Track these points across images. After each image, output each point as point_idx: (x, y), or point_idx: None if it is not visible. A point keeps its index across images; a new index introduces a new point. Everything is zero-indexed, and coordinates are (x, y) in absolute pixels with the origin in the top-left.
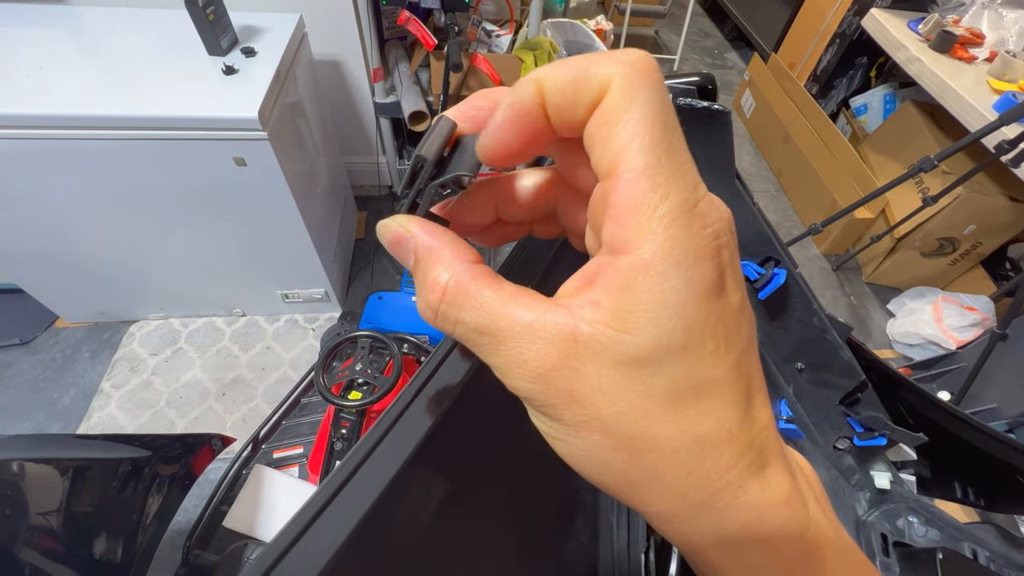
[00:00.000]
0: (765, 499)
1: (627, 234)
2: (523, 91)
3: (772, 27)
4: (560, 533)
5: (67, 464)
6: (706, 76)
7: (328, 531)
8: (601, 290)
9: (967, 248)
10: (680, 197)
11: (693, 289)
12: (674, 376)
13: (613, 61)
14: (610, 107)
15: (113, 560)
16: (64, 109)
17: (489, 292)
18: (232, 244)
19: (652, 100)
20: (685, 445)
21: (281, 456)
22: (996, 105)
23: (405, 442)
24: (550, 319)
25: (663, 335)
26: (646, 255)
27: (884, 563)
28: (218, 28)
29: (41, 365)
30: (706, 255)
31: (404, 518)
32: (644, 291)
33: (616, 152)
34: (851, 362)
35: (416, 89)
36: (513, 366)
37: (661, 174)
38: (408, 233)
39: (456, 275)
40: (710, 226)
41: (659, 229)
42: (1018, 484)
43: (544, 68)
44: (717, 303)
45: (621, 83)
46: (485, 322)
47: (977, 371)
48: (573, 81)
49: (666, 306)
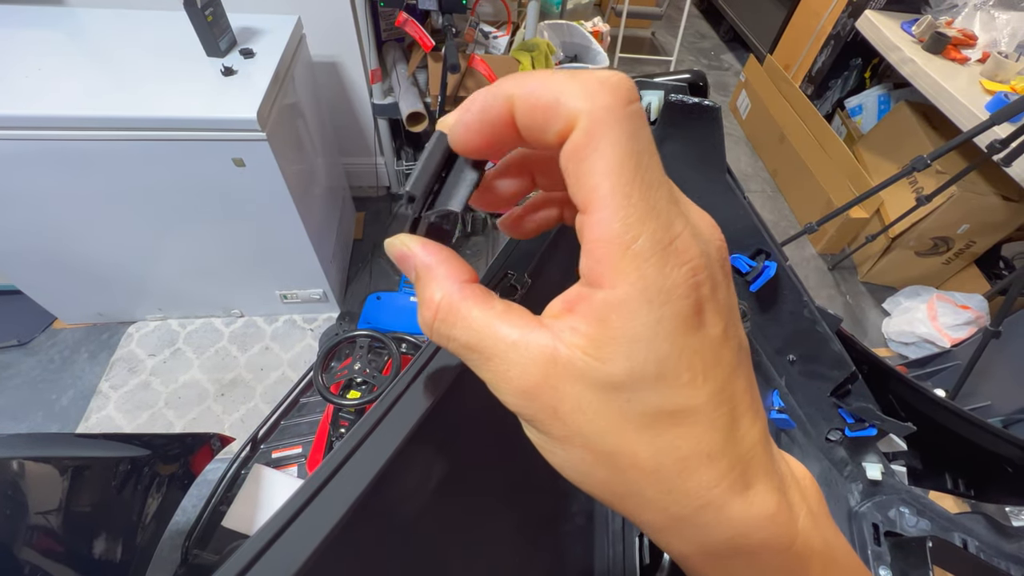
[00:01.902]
0: (749, 516)
1: (601, 270)
2: (495, 103)
3: (767, 29)
4: (557, 517)
5: (67, 463)
6: (697, 73)
7: (320, 516)
8: (580, 318)
9: (961, 247)
10: (653, 237)
11: (665, 326)
12: (649, 403)
13: (583, 95)
14: (577, 146)
15: (112, 559)
16: (63, 110)
17: (478, 311)
18: (231, 245)
19: (621, 139)
20: (664, 465)
21: (280, 456)
22: (988, 105)
23: (400, 427)
24: (533, 339)
25: (635, 367)
26: (619, 293)
27: (876, 552)
28: (216, 29)
29: (39, 366)
30: (680, 293)
31: (401, 500)
32: (617, 326)
33: (587, 190)
34: (841, 353)
35: (414, 90)
36: (500, 382)
37: (633, 214)
38: (409, 252)
39: (448, 294)
40: (686, 263)
41: (631, 269)
42: (1007, 474)
43: (518, 84)
44: (693, 337)
45: (588, 123)
46: (473, 340)
47: (971, 368)
48: (543, 109)
49: (637, 340)
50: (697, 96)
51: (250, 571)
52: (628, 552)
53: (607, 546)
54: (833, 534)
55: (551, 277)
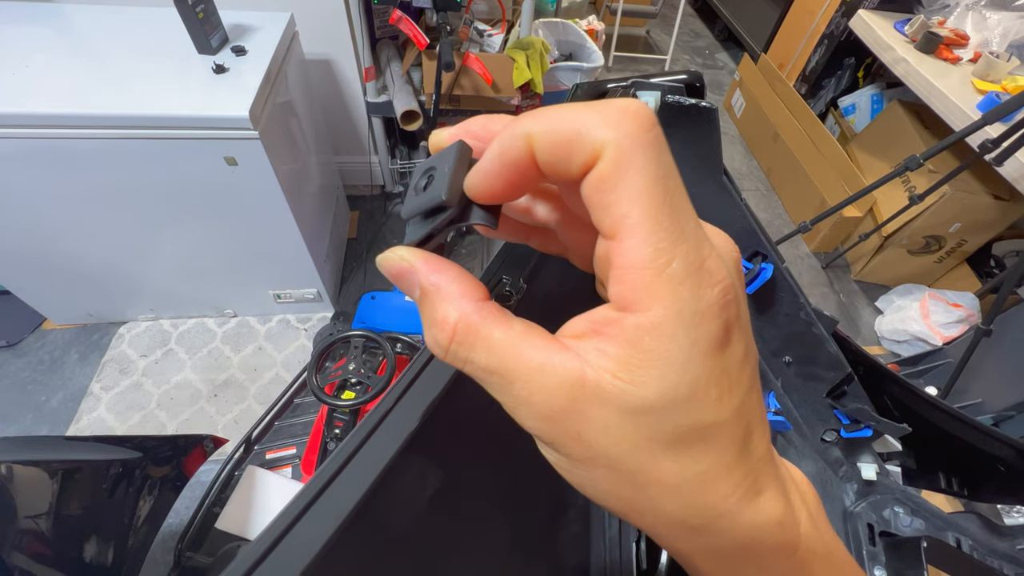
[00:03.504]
0: (759, 522)
1: (633, 296)
2: (513, 144)
3: (762, 28)
4: (553, 524)
5: (56, 466)
6: (694, 74)
7: (319, 522)
8: (608, 341)
9: (953, 246)
10: (686, 260)
11: (699, 347)
12: (678, 423)
13: (607, 125)
14: (604, 175)
15: (104, 563)
16: (51, 108)
17: (499, 332)
18: (223, 244)
19: (649, 166)
20: (686, 480)
21: (274, 457)
22: (980, 105)
23: (397, 433)
24: (558, 362)
25: (668, 389)
26: (653, 317)
27: (871, 552)
28: (208, 26)
29: (28, 367)
30: (713, 314)
31: (398, 507)
32: (650, 349)
33: (616, 219)
34: (837, 355)
35: (408, 88)
36: (522, 406)
37: (665, 239)
38: (411, 267)
39: (466, 315)
40: (717, 284)
41: (665, 292)
42: (999, 473)
43: (535, 122)
44: (722, 356)
45: (614, 152)
46: (495, 363)
47: (962, 366)
48: (565, 144)
49: (672, 363)
50: (694, 97)
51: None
52: (625, 558)
53: (604, 552)
54: (831, 536)
55: (546, 282)
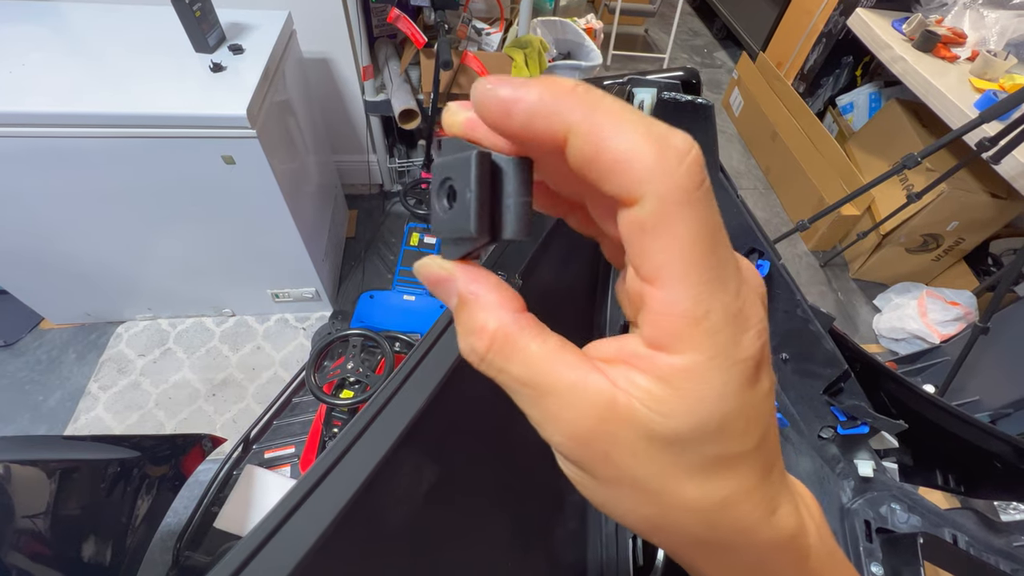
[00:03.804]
0: (776, 538)
1: (667, 340)
2: (548, 122)
3: (760, 26)
4: (550, 520)
5: (54, 466)
6: (690, 71)
7: (312, 517)
8: (639, 373)
9: (950, 244)
10: (725, 310)
11: (731, 388)
12: (705, 453)
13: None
14: (644, 223)
15: (102, 563)
16: (48, 107)
17: (536, 345)
18: (221, 243)
19: (695, 224)
20: (710, 504)
21: (272, 456)
22: (978, 103)
23: (392, 428)
24: (591, 382)
25: (698, 424)
26: (687, 361)
27: (867, 549)
28: (205, 25)
29: (26, 367)
30: (747, 357)
31: (393, 503)
32: (683, 388)
33: (655, 266)
34: (834, 352)
35: (406, 87)
36: (551, 422)
37: (705, 290)
38: (449, 275)
39: (504, 324)
40: (753, 328)
41: (702, 340)
42: (996, 470)
43: (585, 116)
44: (751, 392)
45: (659, 204)
46: (529, 375)
47: (960, 364)
48: (608, 162)
49: (703, 402)
50: (690, 94)
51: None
52: (622, 555)
53: (600, 548)
54: (833, 544)
55: (541, 277)
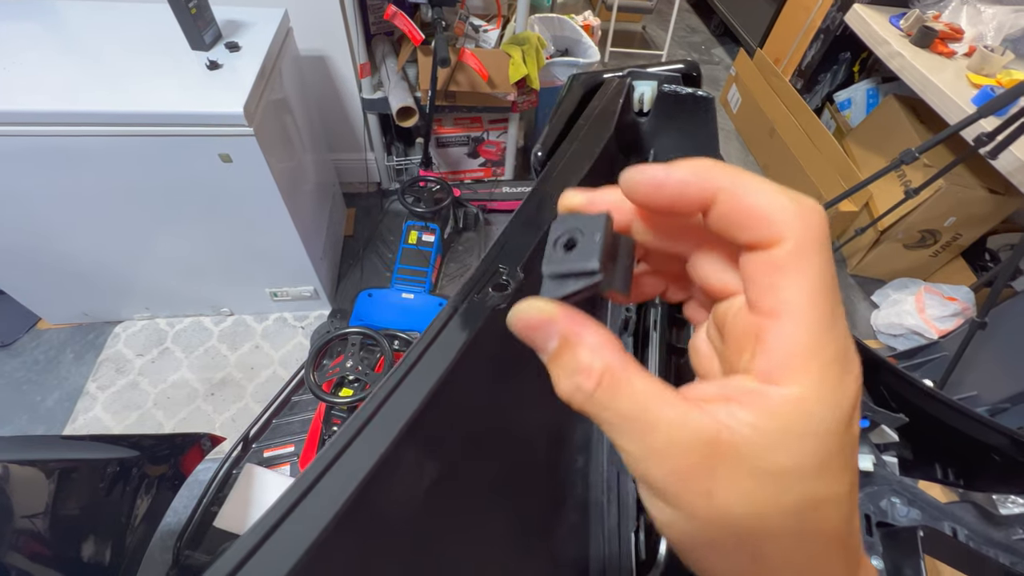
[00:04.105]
0: None
1: (783, 373)
2: (699, 185)
3: (757, 23)
4: (552, 514)
5: (53, 466)
6: (691, 64)
7: (311, 515)
8: (746, 409)
9: (948, 240)
10: (837, 348)
11: (834, 426)
12: (804, 492)
13: (799, 217)
14: (780, 262)
15: (101, 562)
16: (44, 105)
17: (641, 383)
18: (219, 242)
19: (823, 266)
20: (803, 549)
21: (272, 455)
22: (975, 99)
23: (392, 424)
24: (695, 418)
25: (802, 460)
26: (801, 392)
27: (868, 543)
28: (201, 22)
29: (23, 367)
30: (849, 395)
31: (393, 499)
32: (792, 421)
33: (779, 301)
34: None
35: (404, 85)
36: (655, 457)
37: (824, 328)
38: (550, 318)
39: (610, 363)
40: (854, 372)
41: (815, 374)
42: (995, 463)
43: (732, 181)
44: (847, 436)
45: (797, 245)
46: (636, 411)
47: (958, 359)
48: (750, 216)
49: (808, 436)
50: (691, 87)
51: (239, 573)
52: (624, 549)
53: (603, 543)
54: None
55: None
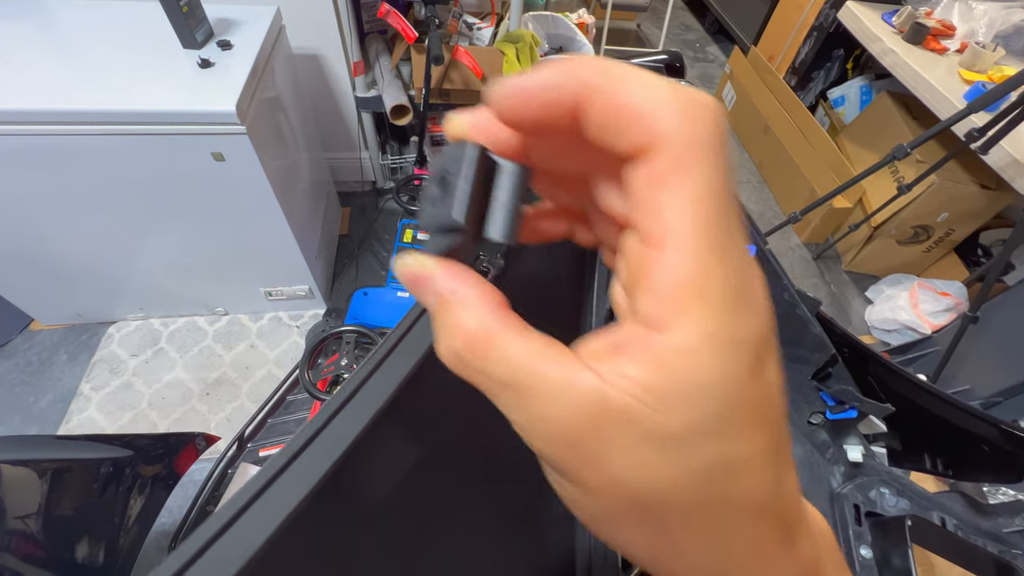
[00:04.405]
0: (791, 573)
1: (668, 313)
2: (566, 84)
3: (751, 20)
4: (537, 507)
5: (46, 465)
6: (674, 54)
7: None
8: (633, 364)
9: (940, 235)
10: (730, 281)
11: (732, 375)
12: (705, 455)
13: (682, 115)
14: (660, 173)
15: (95, 563)
16: (34, 104)
17: (517, 344)
18: (213, 242)
19: (713, 178)
20: (713, 520)
21: (268, 454)
22: (966, 95)
23: (366, 409)
24: (580, 380)
25: (696, 417)
26: (686, 339)
27: (857, 532)
28: (192, 20)
29: (16, 369)
30: (750, 340)
31: (371, 486)
32: (680, 373)
33: (662, 224)
34: (821, 336)
35: (398, 83)
36: (537, 424)
37: (713, 256)
38: (427, 274)
39: (482, 322)
40: (759, 313)
41: (705, 315)
42: (983, 453)
43: (603, 74)
44: (754, 386)
45: (680, 151)
46: (511, 376)
47: (950, 353)
48: (627, 115)
49: (701, 389)
50: (674, 77)
51: (204, 555)
52: None
53: (588, 535)
54: (844, 569)
55: (526, 261)
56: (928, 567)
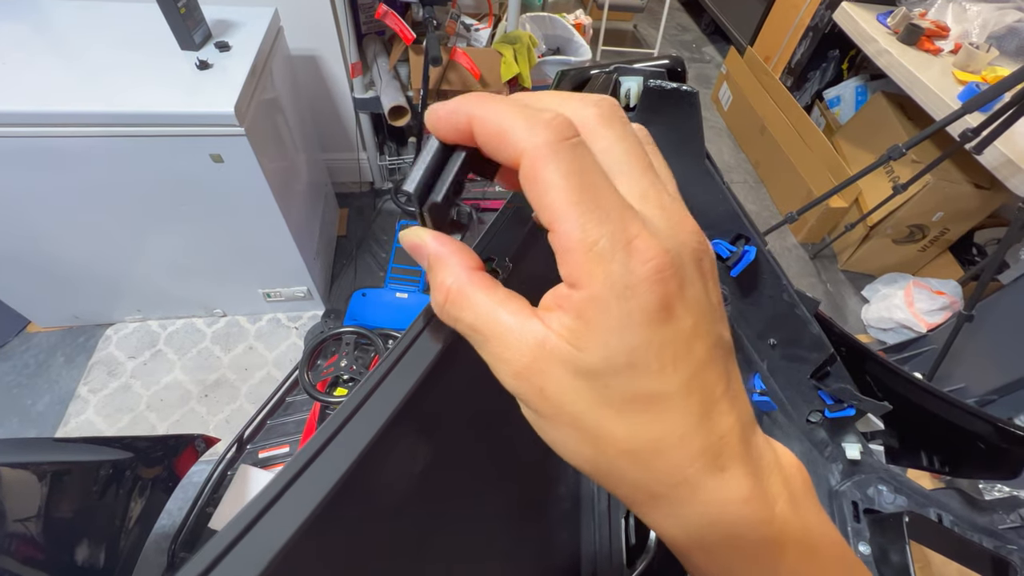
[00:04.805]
0: (722, 497)
1: (575, 274)
2: (458, 117)
3: (747, 21)
4: (544, 501)
5: (46, 468)
6: (675, 59)
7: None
8: (564, 313)
9: (936, 234)
10: (612, 238)
11: (634, 318)
12: (621, 388)
13: (526, 133)
14: (525, 175)
15: (96, 565)
16: (31, 106)
17: (482, 296)
18: (211, 243)
19: (561, 166)
20: (639, 446)
21: (267, 456)
22: (961, 95)
23: (382, 411)
24: (527, 326)
25: (608, 355)
26: (592, 290)
27: (855, 529)
28: (190, 22)
29: (13, 371)
30: (644, 288)
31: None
32: (592, 320)
33: (545, 210)
34: (820, 336)
35: (396, 84)
36: (497, 362)
37: (589, 221)
38: (421, 242)
39: (458, 280)
40: (649, 261)
41: (597, 269)
42: (979, 450)
43: (478, 107)
44: (662, 329)
45: (530, 158)
46: (477, 322)
47: (946, 352)
48: (496, 138)
49: (610, 332)
50: (675, 82)
51: (222, 561)
52: (614, 534)
53: (593, 528)
54: (818, 520)
55: (534, 261)
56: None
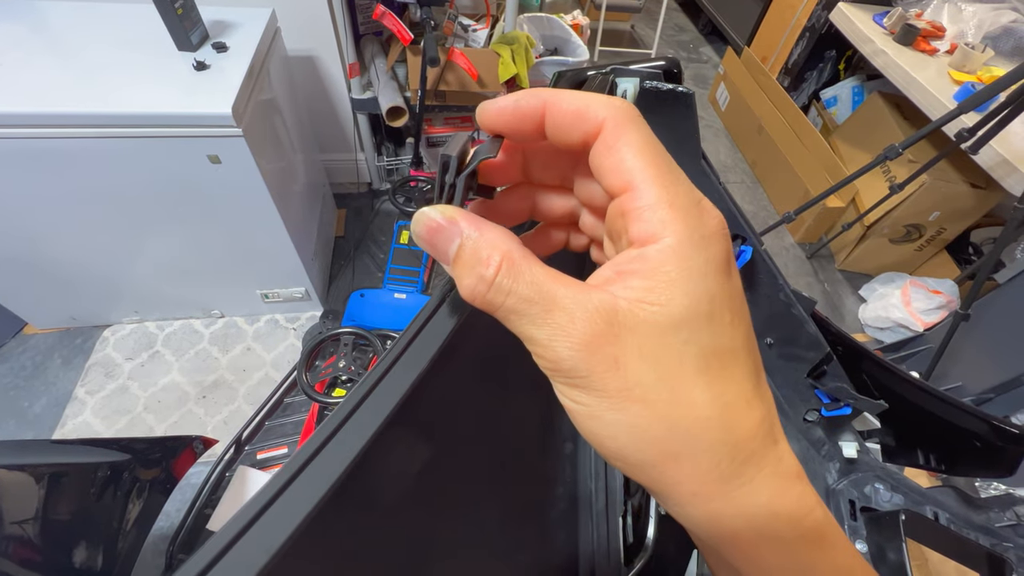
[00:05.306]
0: (782, 471)
1: (652, 228)
2: (531, 100)
3: (744, 21)
4: (541, 503)
5: (43, 470)
6: (671, 60)
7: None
8: (634, 276)
9: (932, 234)
10: (688, 196)
11: (712, 266)
12: (703, 342)
13: (607, 104)
14: (608, 141)
15: (93, 567)
16: (28, 107)
17: (539, 267)
18: (208, 244)
19: (643, 131)
20: (716, 411)
21: (265, 457)
22: (956, 95)
23: (378, 412)
24: (591, 295)
25: (691, 303)
26: (671, 241)
27: (852, 527)
28: (187, 22)
29: (10, 373)
30: (717, 239)
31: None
32: (673, 269)
33: (624, 172)
34: (816, 335)
35: (393, 84)
36: (560, 334)
37: (669, 180)
38: (450, 220)
39: (509, 251)
40: (715, 218)
41: (678, 219)
42: (975, 448)
43: (552, 93)
44: (728, 282)
45: (614, 124)
46: (536, 293)
47: (942, 351)
48: (573, 114)
49: (691, 279)
50: (671, 83)
51: (219, 562)
52: (612, 533)
53: (591, 528)
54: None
55: None
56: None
